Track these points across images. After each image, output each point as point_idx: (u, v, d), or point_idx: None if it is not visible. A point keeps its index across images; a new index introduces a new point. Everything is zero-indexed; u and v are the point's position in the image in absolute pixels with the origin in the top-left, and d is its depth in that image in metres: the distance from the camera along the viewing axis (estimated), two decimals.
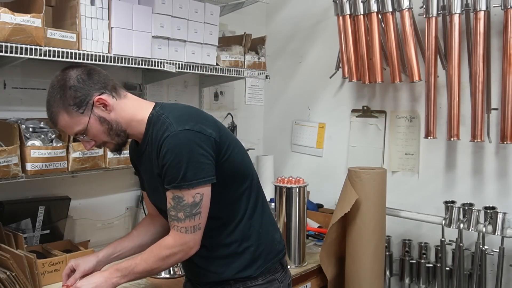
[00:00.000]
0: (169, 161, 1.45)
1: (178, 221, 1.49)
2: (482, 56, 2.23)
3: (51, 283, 1.94)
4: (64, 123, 1.52)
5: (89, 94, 1.51)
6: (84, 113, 1.51)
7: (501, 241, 2.24)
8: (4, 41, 1.65)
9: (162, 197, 1.56)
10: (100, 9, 1.97)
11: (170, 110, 1.57)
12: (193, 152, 1.47)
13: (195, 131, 1.49)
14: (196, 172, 1.46)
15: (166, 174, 1.47)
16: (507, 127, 2.18)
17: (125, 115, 1.57)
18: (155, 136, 1.53)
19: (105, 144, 1.60)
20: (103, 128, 1.54)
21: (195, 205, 1.48)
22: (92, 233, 2.37)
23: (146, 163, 1.61)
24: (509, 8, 2.15)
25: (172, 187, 1.47)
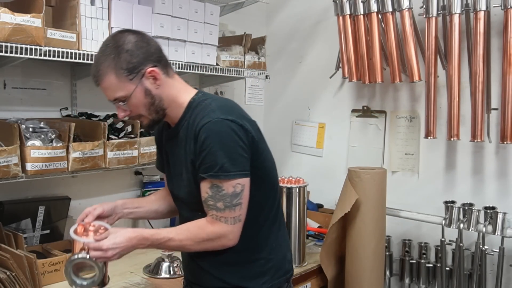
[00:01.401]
0: (208, 147, 1.41)
1: (218, 210, 1.44)
2: (482, 56, 2.23)
3: (51, 283, 1.94)
4: (108, 84, 1.45)
5: (143, 63, 1.46)
6: (132, 80, 1.45)
7: (501, 241, 2.24)
8: (4, 41, 1.65)
9: (184, 185, 1.53)
10: (100, 9, 1.98)
11: (213, 98, 1.55)
12: (234, 142, 1.43)
13: (238, 124, 1.45)
14: (234, 164, 1.42)
15: (204, 161, 1.42)
16: (507, 127, 2.18)
17: (170, 94, 1.52)
18: (193, 120, 1.49)
19: (139, 117, 1.54)
20: (145, 100, 1.48)
21: (236, 195, 1.43)
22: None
23: (176, 148, 1.56)
24: (509, 8, 2.15)
25: (209, 176, 1.42)
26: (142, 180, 2.60)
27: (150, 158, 2.25)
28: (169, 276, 2.12)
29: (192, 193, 1.51)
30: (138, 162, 2.20)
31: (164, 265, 2.14)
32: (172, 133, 1.57)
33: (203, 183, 1.45)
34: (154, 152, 2.26)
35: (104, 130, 2.04)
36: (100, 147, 2.03)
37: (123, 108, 1.50)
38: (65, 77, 2.28)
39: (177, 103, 1.53)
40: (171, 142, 1.58)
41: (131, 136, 2.20)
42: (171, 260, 2.16)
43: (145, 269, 2.17)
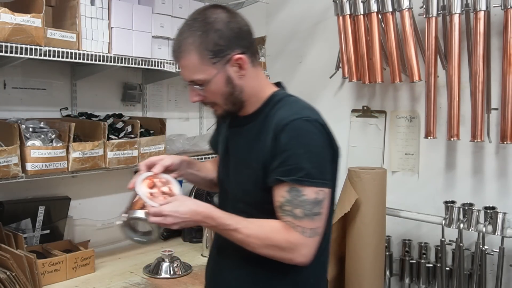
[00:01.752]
0: (293, 148, 1.26)
1: (295, 218, 1.26)
2: (482, 56, 2.23)
3: (51, 283, 1.94)
4: (188, 63, 1.31)
5: (231, 48, 1.30)
6: (215, 64, 1.30)
7: (501, 241, 2.24)
8: (4, 41, 1.66)
9: (240, 181, 1.39)
10: (100, 9, 1.98)
11: (299, 98, 1.41)
12: (324, 147, 1.29)
13: (328, 130, 1.32)
14: (322, 171, 1.27)
15: (285, 162, 1.26)
16: (507, 127, 2.18)
17: (252, 86, 1.37)
18: (274, 115, 1.34)
19: (213, 105, 1.40)
20: (225, 89, 1.34)
21: (317, 203, 1.26)
22: (92, 233, 2.37)
23: (241, 139, 1.41)
24: (509, 8, 2.15)
25: (292, 180, 1.25)
26: None
27: None
28: (169, 276, 2.12)
29: (248, 192, 1.38)
30: (138, 162, 2.20)
31: (164, 265, 2.14)
32: (242, 122, 1.42)
33: (280, 186, 1.28)
34: (154, 152, 2.26)
35: (104, 130, 2.04)
36: (100, 147, 2.03)
37: (198, 92, 1.36)
38: (65, 77, 2.28)
39: (257, 97, 1.39)
40: (237, 130, 1.44)
41: (131, 136, 2.20)
42: (171, 260, 2.16)
43: (145, 269, 2.17)
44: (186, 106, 2.86)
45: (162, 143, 2.31)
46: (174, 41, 1.35)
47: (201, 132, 2.94)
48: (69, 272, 2.00)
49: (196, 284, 2.04)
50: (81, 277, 2.04)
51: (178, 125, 2.79)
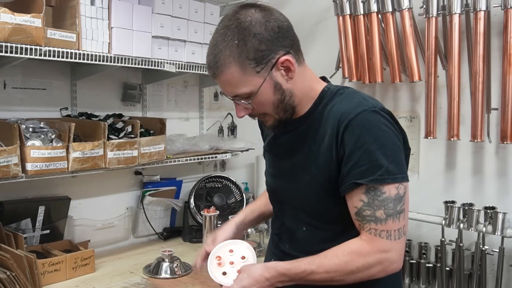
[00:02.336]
0: (366, 144, 1.12)
1: (377, 222, 1.12)
2: (482, 56, 2.23)
3: (51, 283, 1.94)
4: (230, 78, 1.17)
5: (275, 51, 1.17)
6: (260, 73, 1.16)
7: (501, 241, 2.23)
8: (4, 41, 1.66)
9: (300, 188, 1.26)
10: (100, 9, 1.98)
11: (354, 89, 1.29)
12: (396, 139, 1.17)
13: (395, 118, 1.20)
14: (399, 164, 1.15)
15: (359, 163, 1.13)
16: (507, 127, 2.18)
17: (302, 87, 1.24)
18: (332, 110, 1.21)
19: (264, 116, 1.26)
20: (274, 97, 1.20)
21: (400, 199, 1.13)
22: (92, 233, 2.37)
23: (297, 144, 1.28)
24: (509, 8, 2.15)
25: (371, 181, 1.12)
26: (142, 180, 2.60)
27: (150, 158, 2.25)
28: (169, 276, 2.12)
29: (308, 202, 1.26)
30: (138, 162, 2.21)
31: (164, 265, 2.14)
32: (294, 125, 1.28)
33: (355, 191, 1.15)
34: (154, 152, 2.26)
35: (104, 130, 2.04)
36: (100, 147, 2.03)
37: (244, 106, 1.22)
38: (65, 77, 2.28)
39: (309, 97, 1.26)
40: (288, 135, 1.30)
41: (131, 136, 2.20)
42: (171, 260, 2.16)
43: (145, 269, 2.17)
44: (186, 106, 2.86)
45: (162, 143, 2.31)
46: (208, 55, 1.20)
47: (201, 132, 2.94)
48: (69, 272, 2.01)
49: (196, 284, 2.04)
50: (81, 277, 2.04)
51: (178, 125, 2.79)
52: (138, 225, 2.59)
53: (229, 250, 1.35)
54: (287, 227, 1.36)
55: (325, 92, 1.27)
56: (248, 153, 2.90)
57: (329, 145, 1.18)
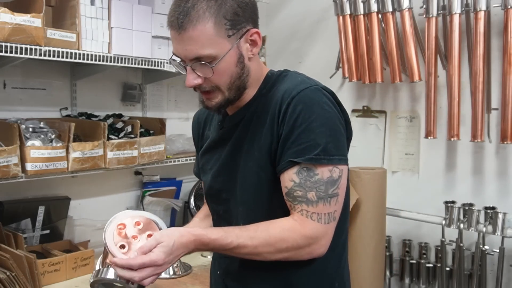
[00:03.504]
0: (306, 122, 1.09)
1: (308, 203, 1.09)
2: (482, 56, 2.23)
3: (51, 283, 1.94)
4: (200, 34, 1.08)
5: (247, 21, 1.13)
6: (231, 37, 1.11)
7: (501, 241, 2.23)
8: (4, 41, 1.65)
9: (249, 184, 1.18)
10: (100, 9, 1.98)
11: (295, 71, 1.26)
12: (337, 119, 1.14)
13: (337, 100, 1.17)
14: (338, 146, 1.11)
15: (298, 140, 1.09)
16: (507, 127, 2.18)
17: (255, 69, 1.20)
18: (274, 93, 1.17)
19: (212, 92, 1.16)
20: (235, 69, 1.14)
21: (332, 182, 1.10)
22: (92, 233, 2.36)
23: (242, 133, 1.21)
24: (509, 8, 2.15)
25: (307, 160, 1.08)
26: (142, 180, 2.60)
27: (150, 158, 2.25)
28: (169, 276, 2.12)
29: (260, 195, 1.18)
30: (138, 162, 2.20)
31: None
32: (234, 119, 1.23)
33: (287, 171, 1.10)
34: (154, 152, 2.26)
35: (104, 130, 2.04)
36: (100, 147, 2.03)
37: (199, 73, 1.12)
38: (65, 77, 2.28)
39: (257, 82, 1.22)
40: (229, 132, 1.24)
41: (131, 136, 2.20)
42: None
43: None
44: (186, 106, 2.86)
45: (162, 143, 2.31)
46: (177, 6, 1.11)
47: None
48: (69, 272, 2.00)
49: (196, 284, 2.04)
50: (81, 277, 2.04)
51: (178, 125, 2.78)
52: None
53: (137, 223, 1.15)
54: None
55: (269, 77, 1.23)
56: None
57: (270, 124, 1.14)
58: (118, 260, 1.05)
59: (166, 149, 2.35)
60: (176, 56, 1.15)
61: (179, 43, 1.11)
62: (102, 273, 1.08)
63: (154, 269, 1.05)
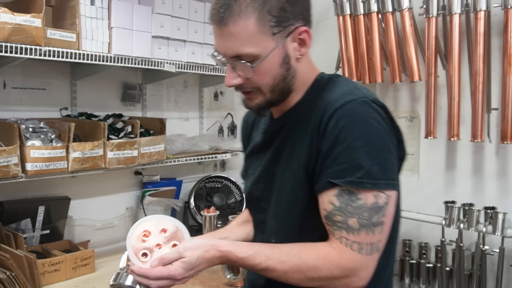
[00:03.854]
0: (349, 139, 0.97)
1: (349, 231, 0.97)
2: (482, 56, 2.23)
3: (51, 283, 1.94)
4: (242, 30, 0.99)
5: (296, 18, 1.03)
6: (275, 35, 1.01)
7: (501, 241, 2.23)
8: (4, 41, 1.65)
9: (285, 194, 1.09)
10: (100, 9, 1.98)
11: (348, 78, 1.17)
12: (387, 137, 1.01)
13: (390, 113, 1.04)
14: (385, 168, 0.99)
15: (338, 159, 0.98)
16: (507, 127, 2.18)
17: (303, 72, 1.10)
18: (320, 101, 1.06)
19: (253, 93, 1.08)
20: (279, 71, 1.04)
21: (377, 209, 0.98)
22: (92, 233, 2.37)
23: (283, 140, 1.13)
24: (509, 8, 2.15)
25: (347, 182, 0.96)
26: (142, 180, 2.60)
27: (150, 158, 2.25)
28: None
29: (293, 212, 1.08)
30: (138, 162, 2.20)
31: None
32: (277, 124, 1.15)
33: (327, 192, 0.99)
34: (154, 152, 2.26)
35: (104, 130, 2.04)
36: (100, 147, 2.03)
37: (240, 72, 1.04)
38: (65, 77, 2.28)
39: (305, 85, 1.12)
40: (271, 137, 1.16)
41: (131, 136, 2.20)
42: None
43: None
44: (186, 106, 2.86)
45: (162, 143, 2.31)
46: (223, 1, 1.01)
47: (201, 132, 2.94)
48: (69, 272, 2.00)
49: (196, 284, 2.04)
50: (81, 277, 2.04)
51: (178, 125, 2.79)
52: None
53: (163, 230, 1.10)
54: (262, 240, 1.16)
55: (318, 81, 1.13)
56: None
57: (310, 136, 1.04)
58: (136, 269, 1.05)
59: (166, 149, 2.35)
60: (217, 52, 1.07)
61: (219, 39, 1.03)
62: (121, 278, 1.11)
63: (171, 281, 1.03)
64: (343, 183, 0.97)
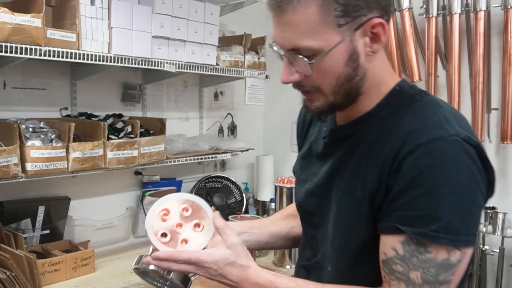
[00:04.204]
0: (429, 184, 0.82)
1: (409, 284, 0.85)
2: (482, 56, 2.23)
3: (51, 283, 1.94)
4: (301, 20, 0.85)
5: (370, 7, 0.86)
6: (342, 27, 0.85)
7: (501, 241, 2.23)
8: (4, 41, 1.65)
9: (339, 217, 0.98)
10: (100, 9, 1.97)
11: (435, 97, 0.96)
12: (475, 186, 0.85)
13: (484, 153, 0.88)
14: (468, 223, 0.84)
15: (412, 204, 0.84)
16: (507, 127, 2.18)
17: (376, 73, 0.93)
18: (400, 120, 0.90)
19: (314, 92, 0.93)
20: (344, 70, 0.89)
21: (447, 267, 0.83)
22: (92, 233, 2.37)
23: (345, 155, 0.98)
24: (509, 8, 2.15)
25: (419, 234, 0.83)
26: (142, 180, 2.60)
27: (150, 158, 2.25)
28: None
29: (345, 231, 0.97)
30: (138, 162, 2.20)
31: None
32: (340, 134, 1.00)
33: (391, 236, 0.86)
34: (154, 152, 2.26)
35: (104, 130, 2.04)
36: (100, 147, 2.03)
37: (298, 67, 0.91)
38: (65, 77, 2.28)
39: (377, 91, 0.95)
40: (333, 147, 1.02)
41: (131, 136, 2.20)
42: None
43: None
44: (186, 106, 2.86)
45: (162, 143, 2.31)
46: None
47: (201, 132, 2.94)
48: (69, 272, 2.00)
49: (196, 284, 2.03)
50: (81, 277, 2.04)
51: (178, 125, 2.79)
52: (138, 225, 2.59)
53: (184, 209, 1.03)
54: (317, 261, 1.06)
55: (396, 92, 0.95)
56: (248, 153, 2.90)
57: (381, 166, 0.88)
58: (161, 254, 0.95)
59: (166, 149, 2.35)
60: (275, 42, 0.94)
61: (277, 27, 0.90)
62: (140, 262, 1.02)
63: (195, 268, 0.94)
64: (413, 233, 0.83)
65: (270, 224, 1.23)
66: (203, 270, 0.94)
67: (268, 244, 1.21)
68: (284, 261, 2.30)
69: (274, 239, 1.20)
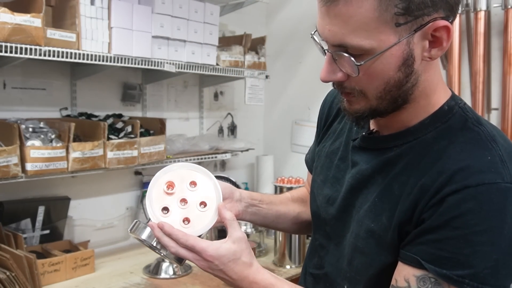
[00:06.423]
0: (467, 229, 0.75)
1: None
2: (482, 56, 2.23)
3: (50, 283, 1.94)
4: (354, 14, 0.74)
5: (435, 7, 0.75)
6: (400, 27, 0.75)
7: None
8: (4, 41, 1.65)
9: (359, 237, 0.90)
10: (100, 9, 1.97)
11: (491, 126, 0.85)
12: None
13: None
14: (500, 274, 0.76)
15: (442, 242, 0.77)
16: (507, 127, 2.18)
17: (429, 81, 0.83)
18: (445, 149, 0.81)
19: (356, 95, 0.84)
20: (395, 74, 0.79)
21: None
22: (92, 233, 2.37)
23: (376, 170, 0.89)
24: (509, 8, 2.15)
25: (442, 276, 0.76)
26: (142, 180, 2.60)
27: (150, 158, 2.25)
28: (168, 276, 2.12)
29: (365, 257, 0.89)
30: (138, 162, 2.20)
31: (164, 265, 2.14)
32: (373, 144, 0.92)
33: (408, 267, 0.80)
34: (154, 152, 2.26)
35: (104, 130, 2.04)
36: (100, 147, 2.03)
37: (343, 66, 0.82)
38: (65, 77, 2.28)
39: (426, 103, 0.85)
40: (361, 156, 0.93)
41: (131, 136, 2.20)
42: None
43: (145, 269, 2.17)
44: (186, 106, 2.86)
45: (162, 143, 2.31)
46: None
47: (201, 132, 2.94)
48: (69, 272, 2.00)
49: (196, 284, 2.04)
50: (81, 277, 2.04)
51: (178, 125, 2.79)
52: None
53: (191, 183, 0.94)
54: (326, 273, 1.00)
55: (443, 112, 0.85)
56: (248, 153, 2.90)
57: (419, 197, 0.80)
58: (168, 227, 0.87)
59: (166, 149, 2.35)
60: (318, 33, 0.82)
61: (323, 18, 0.78)
62: (137, 229, 0.90)
63: (195, 257, 0.87)
64: (436, 273, 0.76)
65: (280, 204, 1.16)
66: (202, 262, 0.88)
67: (273, 223, 1.15)
68: (284, 261, 2.30)
69: (281, 220, 1.15)
